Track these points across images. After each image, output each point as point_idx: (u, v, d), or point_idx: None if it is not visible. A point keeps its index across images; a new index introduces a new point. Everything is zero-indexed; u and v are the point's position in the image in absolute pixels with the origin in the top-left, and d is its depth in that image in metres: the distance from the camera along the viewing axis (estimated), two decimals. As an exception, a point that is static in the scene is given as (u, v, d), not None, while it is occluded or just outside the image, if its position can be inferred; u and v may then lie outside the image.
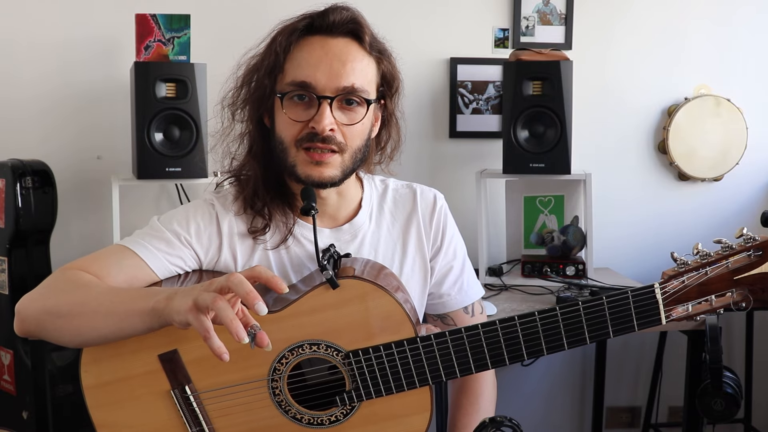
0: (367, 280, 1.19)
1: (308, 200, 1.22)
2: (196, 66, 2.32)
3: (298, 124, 1.22)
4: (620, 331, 1.15)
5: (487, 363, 1.18)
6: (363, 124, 1.25)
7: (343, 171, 1.25)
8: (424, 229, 1.39)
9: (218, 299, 0.97)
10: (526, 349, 1.17)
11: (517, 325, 1.16)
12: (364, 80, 1.24)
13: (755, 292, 1.13)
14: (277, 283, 1.03)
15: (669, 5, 2.89)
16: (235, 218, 1.31)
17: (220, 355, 0.98)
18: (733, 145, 2.88)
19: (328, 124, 1.20)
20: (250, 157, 1.32)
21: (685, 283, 1.13)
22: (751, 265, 1.12)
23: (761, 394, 3.00)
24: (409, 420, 1.21)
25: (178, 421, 1.20)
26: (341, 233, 1.34)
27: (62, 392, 2.31)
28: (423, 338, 1.17)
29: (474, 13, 2.82)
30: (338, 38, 1.24)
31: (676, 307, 1.15)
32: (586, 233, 2.61)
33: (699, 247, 1.15)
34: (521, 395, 2.99)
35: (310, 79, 1.21)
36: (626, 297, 1.14)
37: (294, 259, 1.32)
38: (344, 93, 1.21)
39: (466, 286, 1.43)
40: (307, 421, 1.21)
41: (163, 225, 1.29)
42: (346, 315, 1.17)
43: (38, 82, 2.60)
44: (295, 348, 1.18)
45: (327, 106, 1.20)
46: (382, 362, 1.17)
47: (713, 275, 1.13)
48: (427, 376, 1.18)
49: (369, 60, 1.26)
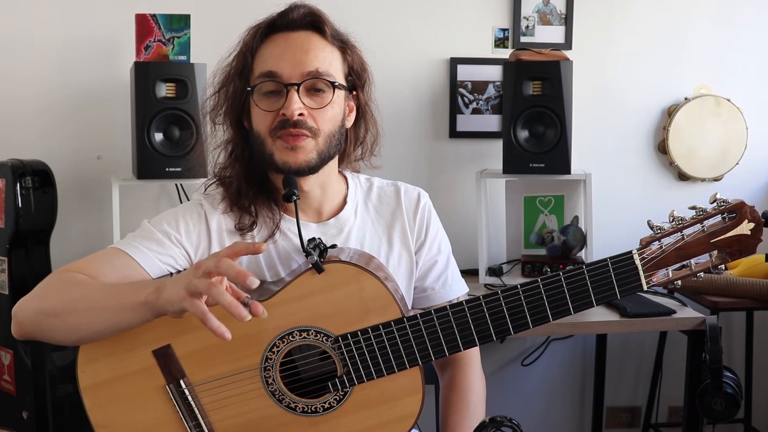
0: (351, 263, 1.20)
1: (290, 187, 1.25)
2: (196, 66, 2.32)
3: (270, 114, 1.27)
4: (602, 300, 1.18)
5: (474, 339, 1.20)
6: (333, 108, 1.29)
7: (320, 155, 1.28)
8: (408, 224, 1.42)
9: (213, 285, 1.01)
10: (512, 323, 1.19)
11: (501, 300, 1.18)
12: (329, 66, 1.29)
13: (733, 254, 1.16)
14: (254, 248, 1.06)
15: (669, 5, 2.89)
16: (223, 216, 1.34)
17: (221, 334, 1.01)
18: (733, 145, 2.88)
19: (296, 108, 1.24)
20: (231, 160, 1.36)
21: (663, 248, 1.17)
22: (726, 227, 1.16)
23: (761, 394, 3.00)
24: (401, 402, 1.22)
25: (175, 416, 1.21)
26: (327, 227, 1.37)
27: (62, 392, 2.31)
28: (410, 318, 1.19)
29: (474, 13, 2.82)
30: (300, 32, 1.29)
31: (656, 272, 1.17)
32: (586, 233, 2.61)
33: (674, 214, 1.18)
34: (521, 395, 2.99)
35: (275, 68, 1.26)
36: (606, 265, 1.17)
37: (282, 252, 1.34)
38: (310, 77, 1.26)
39: (450, 281, 1.46)
40: (301, 409, 1.22)
41: (153, 226, 1.32)
42: (334, 299, 1.19)
43: (38, 82, 2.60)
44: (286, 335, 1.19)
45: (294, 92, 1.25)
46: (371, 344, 1.19)
47: (690, 239, 1.16)
48: (416, 356, 1.20)
49: (332, 48, 1.31)
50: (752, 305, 2.47)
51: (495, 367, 2.93)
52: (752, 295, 2.40)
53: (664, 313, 2.28)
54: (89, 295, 1.18)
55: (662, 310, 2.29)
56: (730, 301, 2.44)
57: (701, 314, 2.30)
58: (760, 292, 2.37)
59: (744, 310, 2.75)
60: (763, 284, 2.37)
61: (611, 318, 2.28)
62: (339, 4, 1.37)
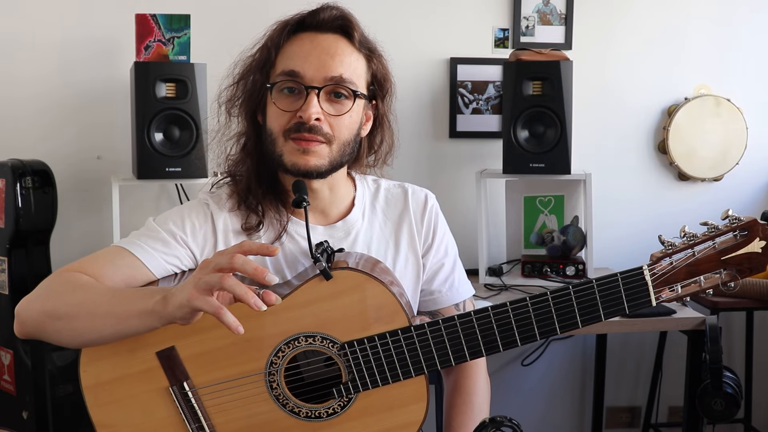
0: (359, 270, 1.20)
1: (300, 192, 1.24)
2: (196, 66, 2.32)
3: (287, 114, 1.25)
4: (611, 314, 1.17)
5: (481, 350, 1.19)
6: (351, 117, 1.27)
7: (331, 162, 1.27)
8: (415, 227, 1.40)
9: (226, 277, 0.99)
10: (519, 335, 1.18)
11: (510, 312, 1.17)
12: (353, 73, 1.26)
13: (743, 272, 1.15)
14: (268, 250, 1.04)
15: (669, 5, 2.89)
16: (230, 215, 1.33)
17: (236, 328, 1.00)
18: (733, 145, 2.88)
19: (314, 113, 1.22)
20: (243, 154, 1.34)
21: (674, 264, 1.15)
22: (737, 245, 1.14)
23: (761, 394, 3.00)
24: (406, 410, 1.22)
25: (177, 418, 1.21)
26: (334, 230, 1.35)
27: (62, 392, 2.31)
28: (417, 327, 1.19)
29: (474, 13, 2.82)
30: (328, 34, 1.27)
31: (665, 289, 1.16)
32: (586, 233, 2.61)
33: (686, 230, 1.16)
34: (521, 395, 2.99)
35: (298, 68, 1.24)
36: (616, 280, 1.16)
37: (288, 255, 1.33)
38: (332, 83, 1.24)
39: (457, 283, 1.45)
40: (305, 414, 1.21)
41: (158, 225, 1.30)
42: (341, 306, 1.18)
43: (38, 82, 2.60)
44: (291, 341, 1.19)
45: (314, 95, 1.22)
46: (377, 352, 1.18)
47: (701, 256, 1.15)
48: (422, 365, 1.19)
49: (358, 56, 1.28)
50: (752, 305, 2.48)
51: (495, 367, 2.93)
52: (752, 295, 2.40)
53: (664, 313, 2.28)
54: (93, 299, 1.16)
55: (662, 310, 2.29)
56: (730, 301, 2.44)
57: (701, 314, 2.30)
58: (760, 292, 2.37)
59: (744, 310, 2.75)
60: (763, 284, 2.37)
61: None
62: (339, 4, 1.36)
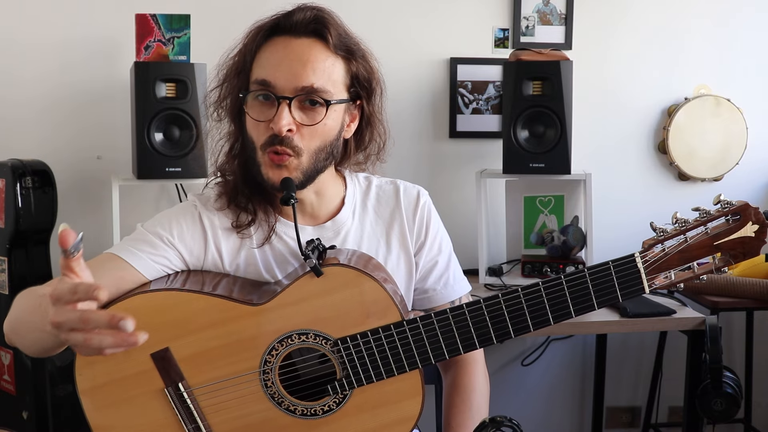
0: (351, 266, 1.19)
1: (287, 189, 1.23)
2: (196, 66, 2.32)
3: (261, 124, 1.24)
4: (604, 303, 1.17)
5: (475, 342, 1.19)
6: (325, 125, 1.25)
7: (305, 173, 1.25)
8: (407, 224, 1.39)
9: (88, 335, 0.94)
10: (513, 326, 1.18)
11: (502, 303, 1.17)
12: (327, 80, 1.23)
13: (736, 257, 1.15)
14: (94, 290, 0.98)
15: (669, 5, 2.89)
16: (219, 214, 1.33)
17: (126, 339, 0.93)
18: (733, 145, 2.88)
19: (285, 124, 1.20)
20: (230, 156, 1.34)
21: (666, 250, 1.15)
22: (730, 230, 1.14)
23: (761, 394, 3.00)
24: (401, 405, 1.22)
25: (174, 419, 1.21)
26: (324, 230, 1.35)
27: (62, 392, 2.31)
28: (410, 321, 1.19)
29: (474, 13, 2.82)
30: (302, 38, 1.24)
31: (658, 275, 1.16)
32: (586, 233, 2.61)
33: (677, 216, 1.16)
34: (521, 395, 2.99)
35: (270, 78, 1.22)
36: (608, 268, 1.15)
37: (278, 256, 1.33)
38: (304, 93, 1.22)
39: (452, 281, 1.44)
40: (301, 412, 1.21)
41: (146, 229, 1.31)
42: (333, 303, 1.18)
43: (38, 82, 2.60)
44: (285, 338, 1.19)
45: (285, 106, 1.21)
46: (371, 348, 1.19)
47: (693, 242, 1.15)
48: (416, 359, 1.19)
49: (334, 60, 1.25)
50: (752, 305, 2.47)
51: (495, 367, 2.93)
52: (752, 295, 2.40)
53: (664, 313, 2.28)
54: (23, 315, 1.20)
55: (662, 310, 2.29)
56: (730, 301, 2.44)
57: (701, 314, 2.30)
58: (760, 292, 2.37)
59: (744, 310, 2.75)
60: (763, 284, 2.37)
61: (611, 318, 2.28)
62: (339, 4, 1.36)
